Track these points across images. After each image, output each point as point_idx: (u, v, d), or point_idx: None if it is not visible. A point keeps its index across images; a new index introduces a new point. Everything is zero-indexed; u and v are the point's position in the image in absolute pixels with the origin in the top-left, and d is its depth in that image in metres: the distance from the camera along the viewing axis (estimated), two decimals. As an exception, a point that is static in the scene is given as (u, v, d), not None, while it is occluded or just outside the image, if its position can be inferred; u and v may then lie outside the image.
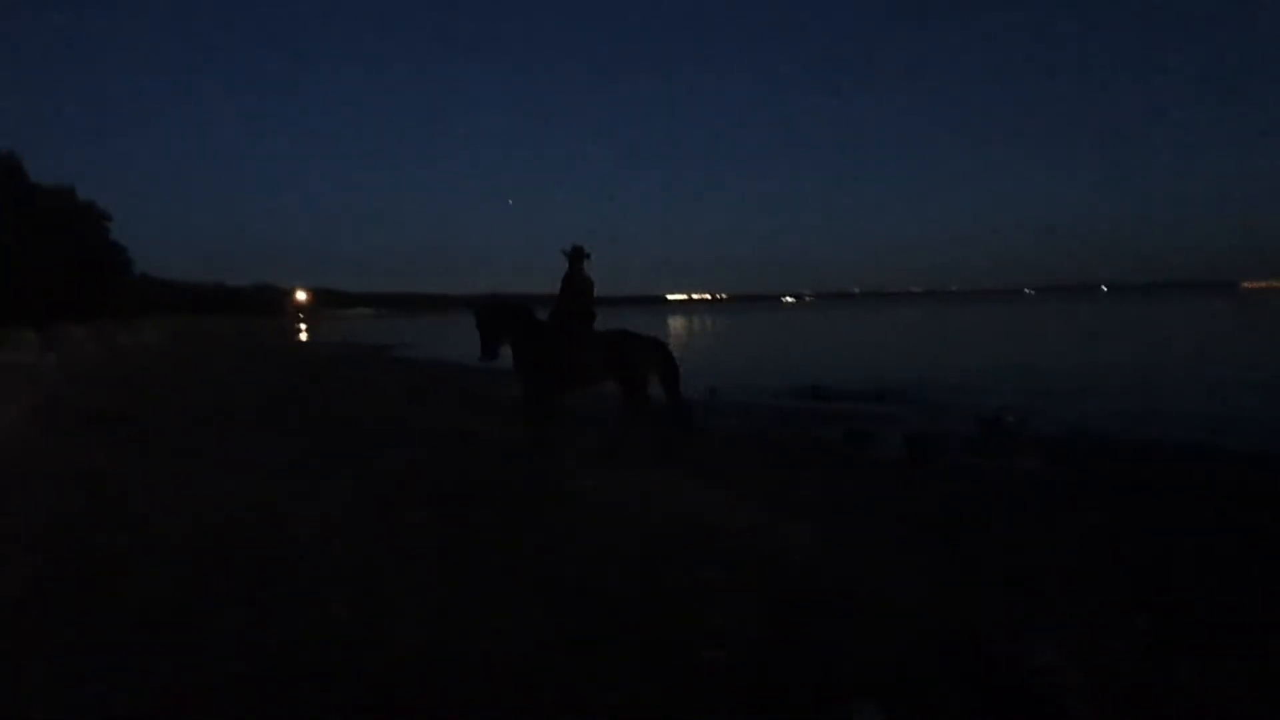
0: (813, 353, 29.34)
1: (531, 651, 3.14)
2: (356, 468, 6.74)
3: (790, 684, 2.90)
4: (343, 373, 19.77)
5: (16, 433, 8.57)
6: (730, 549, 4.49)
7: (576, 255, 7.61)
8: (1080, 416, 11.73)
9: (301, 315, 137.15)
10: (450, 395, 14.16)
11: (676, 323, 73.42)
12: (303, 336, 56.42)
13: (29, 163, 34.74)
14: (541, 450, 7.16)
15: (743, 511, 5.40)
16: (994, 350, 27.68)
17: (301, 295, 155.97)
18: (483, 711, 2.73)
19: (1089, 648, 3.22)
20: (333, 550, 4.43)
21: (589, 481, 6.14)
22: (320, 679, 2.92)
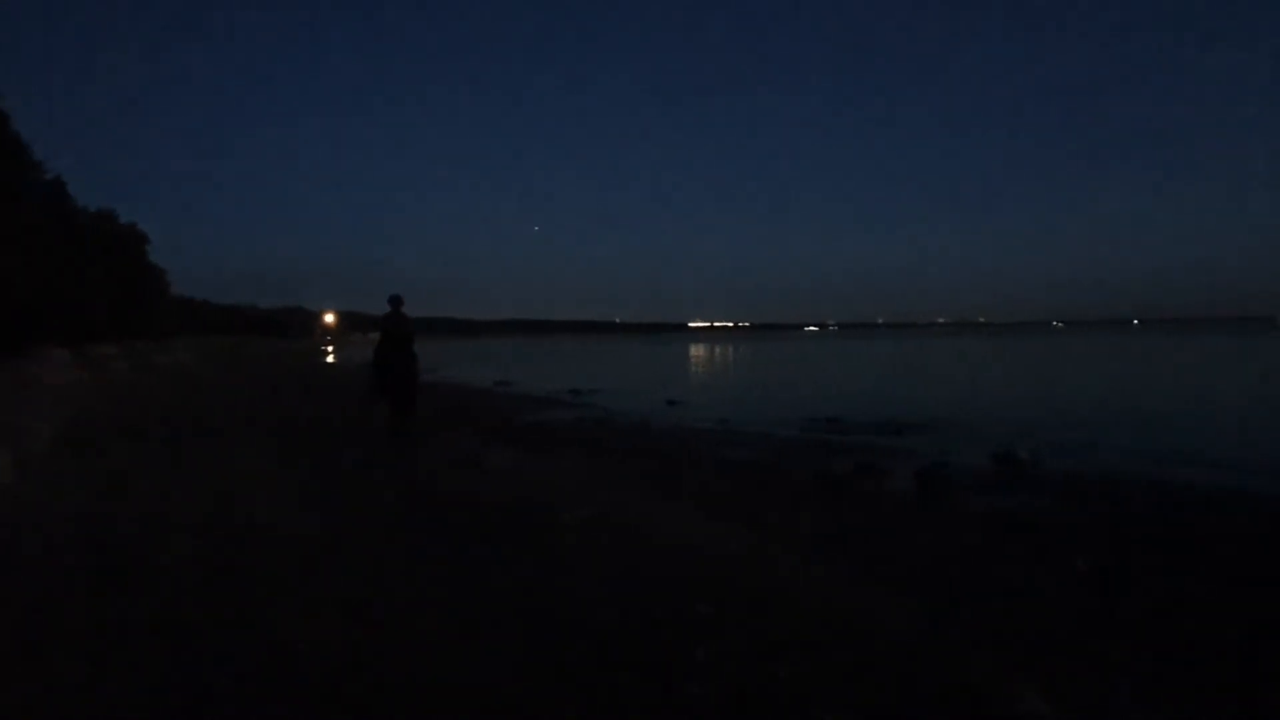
0: (831, 383, 29.17)
1: (515, 681, 3.17)
2: (366, 488, 6.82)
3: (769, 723, 2.90)
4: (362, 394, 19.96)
5: (43, 444, 8.79)
6: (725, 582, 4.49)
7: (394, 302, 10.49)
8: (1097, 454, 11.56)
9: (329, 337, 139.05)
10: (469, 418, 14.26)
11: (697, 350, 73.44)
12: (329, 358, 57.11)
13: (70, 183, 35.78)
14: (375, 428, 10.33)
15: (743, 543, 5.40)
16: (1016, 384, 27.38)
17: (330, 317, 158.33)
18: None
19: (1079, 696, 3.19)
20: (328, 569, 4.49)
21: (588, 510, 6.17)
22: (302, 701, 2.97)
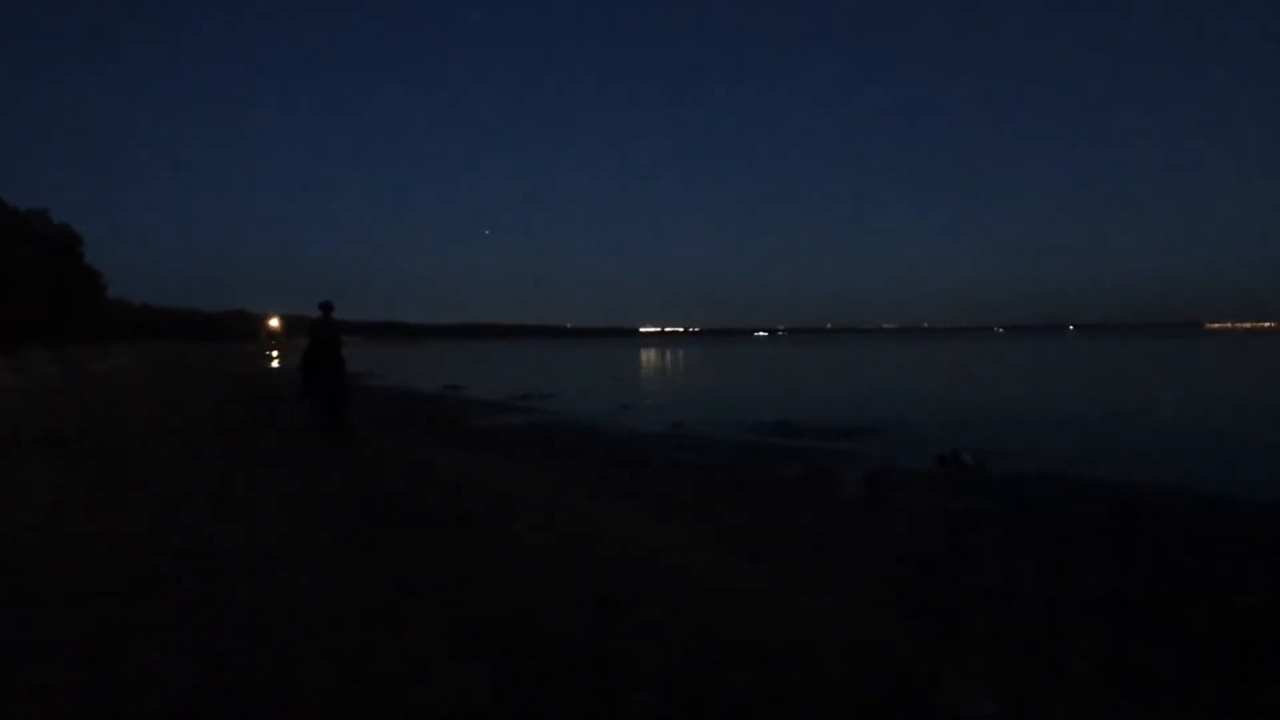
0: (780, 388, 29.49)
1: (459, 695, 3.07)
2: (309, 497, 6.62)
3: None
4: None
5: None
6: (678, 588, 4.45)
7: (325, 308, 10.48)
8: (1039, 455, 11.84)
9: (274, 341, 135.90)
10: (418, 423, 14.02)
11: (648, 355, 73.61)
12: (274, 363, 55.78)
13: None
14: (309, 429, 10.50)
15: (696, 549, 5.37)
16: (959, 388, 28.02)
17: (275, 322, 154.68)
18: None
19: (1028, 694, 3.22)
20: (269, 583, 4.33)
21: (539, 516, 6.08)
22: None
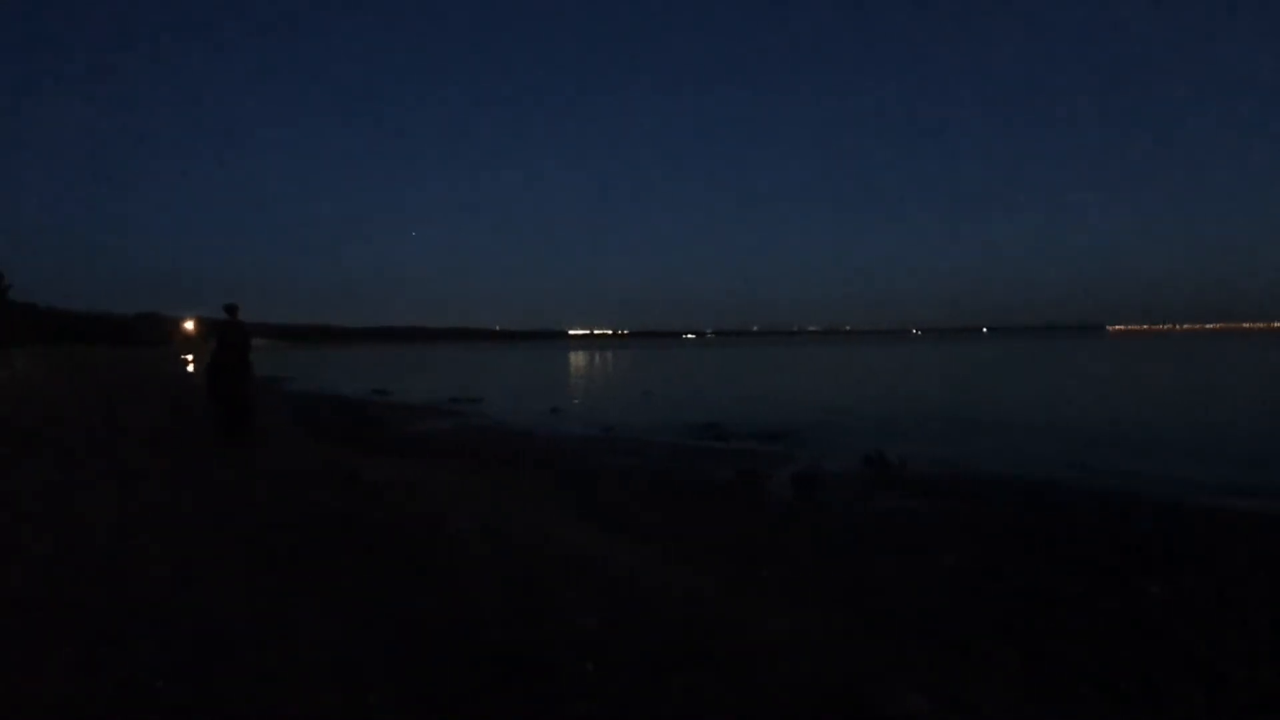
0: (710, 391, 29.77)
1: (393, 714, 2.97)
2: (210, 504, 6.32)
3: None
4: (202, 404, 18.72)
5: None
6: (613, 594, 4.40)
7: (230, 311, 10.34)
8: (958, 453, 12.26)
9: (189, 345, 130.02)
10: (343, 429, 13.61)
11: (577, 358, 73.35)
12: (189, 368, 53.41)
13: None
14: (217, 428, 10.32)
15: (629, 553, 5.33)
16: (883, 389, 28.80)
17: (189, 325, 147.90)
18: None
19: (959, 690, 3.29)
20: (183, 602, 4.10)
21: (471, 523, 5.95)
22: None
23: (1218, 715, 3.28)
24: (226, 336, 10.33)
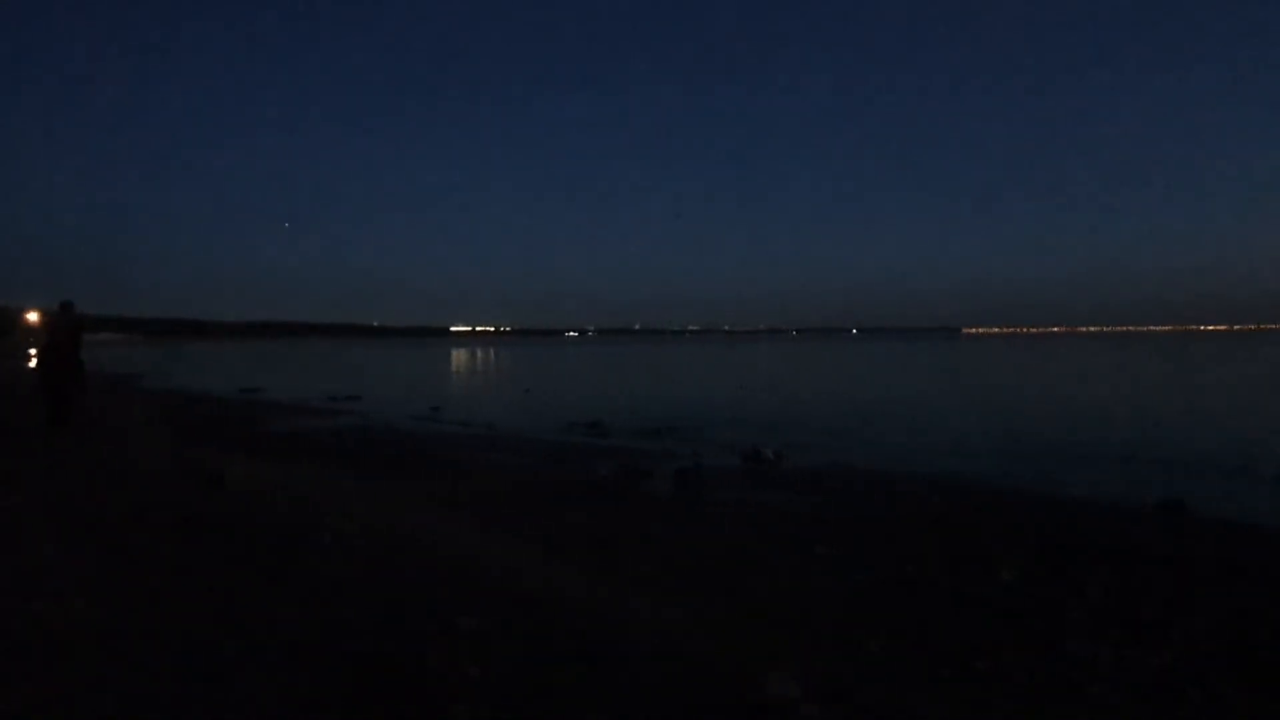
0: (592, 388, 29.88)
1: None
2: (60, 504, 5.85)
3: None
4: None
5: None
6: (495, 593, 4.36)
7: (64, 307, 10.66)
8: (830, 448, 12.84)
9: (34, 339, 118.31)
10: (208, 429, 12.81)
11: (459, 355, 71.93)
12: (30, 363, 48.80)
13: None
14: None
15: (511, 551, 5.30)
16: (760, 386, 29.75)
17: (34, 316, 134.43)
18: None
19: (832, 675, 3.46)
20: (15, 609, 3.78)
21: (348, 525, 5.76)
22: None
23: (1056, 684, 3.61)
24: (58, 329, 10.60)
